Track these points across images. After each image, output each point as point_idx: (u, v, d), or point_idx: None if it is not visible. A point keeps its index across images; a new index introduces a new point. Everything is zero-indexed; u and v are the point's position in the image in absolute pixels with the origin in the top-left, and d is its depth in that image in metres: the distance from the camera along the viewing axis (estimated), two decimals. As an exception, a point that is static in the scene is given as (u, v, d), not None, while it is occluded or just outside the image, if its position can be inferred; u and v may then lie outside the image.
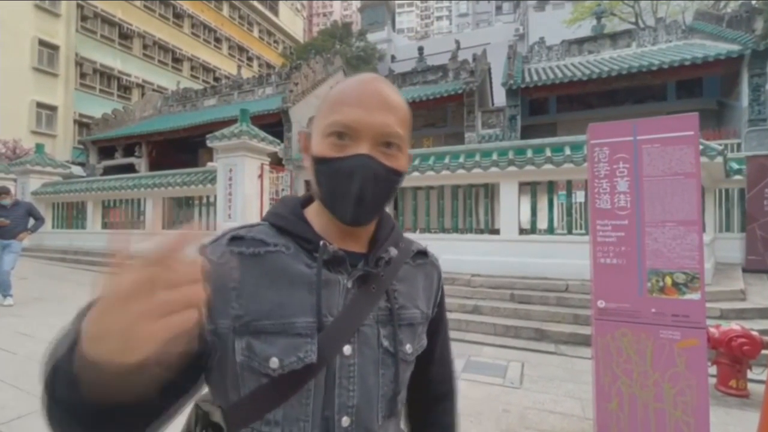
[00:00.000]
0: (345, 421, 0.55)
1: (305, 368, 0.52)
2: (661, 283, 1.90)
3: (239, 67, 22.47)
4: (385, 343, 0.59)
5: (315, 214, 0.62)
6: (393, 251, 0.63)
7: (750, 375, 3.00)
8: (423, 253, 0.71)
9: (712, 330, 3.00)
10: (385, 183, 0.56)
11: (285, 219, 0.60)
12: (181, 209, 9.12)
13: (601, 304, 2.03)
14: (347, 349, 0.56)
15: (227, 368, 0.54)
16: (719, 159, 4.92)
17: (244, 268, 0.54)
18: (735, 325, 3.03)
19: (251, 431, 0.53)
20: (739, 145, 8.53)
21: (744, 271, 5.98)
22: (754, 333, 2.91)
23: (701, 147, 4.80)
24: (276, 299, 0.54)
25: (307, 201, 0.65)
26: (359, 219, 0.56)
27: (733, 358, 2.95)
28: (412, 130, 0.64)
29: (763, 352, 2.88)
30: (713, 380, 3.08)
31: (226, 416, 0.55)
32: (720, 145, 6.40)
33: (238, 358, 0.52)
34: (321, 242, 0.57)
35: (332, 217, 0.58)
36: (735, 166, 6.35)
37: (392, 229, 0.66)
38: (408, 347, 0.62)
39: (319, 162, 0.56)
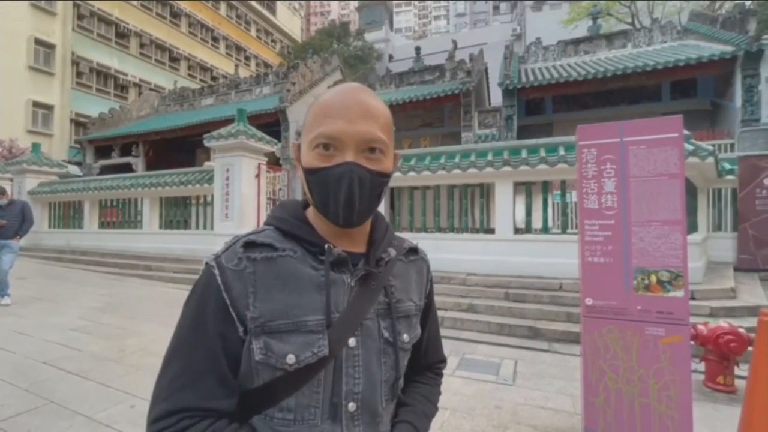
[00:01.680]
0: (351, 406, 0.61)
1: (318, 361, 0.57)
2: (646, 281, 1.95)
3: (237, 66, 22.40)
4: (386, 334, 0.65)
5: (315, 217, 0.66)
6: (392, 252, 0.68)
7: (737, 371, 3.05)
8: (413, 250, 0.76)
9: (701, 327, 3.06)
10: (371, 186, 0.60)
11: (290, 223, 0.64)
12: (178, 209, 9.12)
13: (589, 301, 2.08)
14: (352, 342, 0.61)
15: (243, 362, 0.59)
16: (710, 159, 4.98)
17: (259, 273, 0.59)
18: (723, 323, 3.09)
19: (265, 417, 0.59)
20: (732, 145, 8.59)
21: (736, 269, 6.05)
22: (742, 330, 2.97)
23: (693, 147, 4.86)
24: (288, 300, 0.58)
25: (307, 203, 0.69)
26: (350, 221, 0.60)
27: (720, 354, 3.00)
28: (408, 130, 0.68)
29: (750, 349, 2.93)
30: (702, 376, 3.14)
31: (239, 403, 0.60)
32: (713, 145, 6.48)
33: (256, 356, 0.57)
34: (326, 245, 0.61)
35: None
36: (727, 166, 6.42)
37: (386, 230, 0.71)
38: (405, 337, 0.68)
39: (309, 173, 0.60)
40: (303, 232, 0.63)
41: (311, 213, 0.67)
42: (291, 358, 0.56)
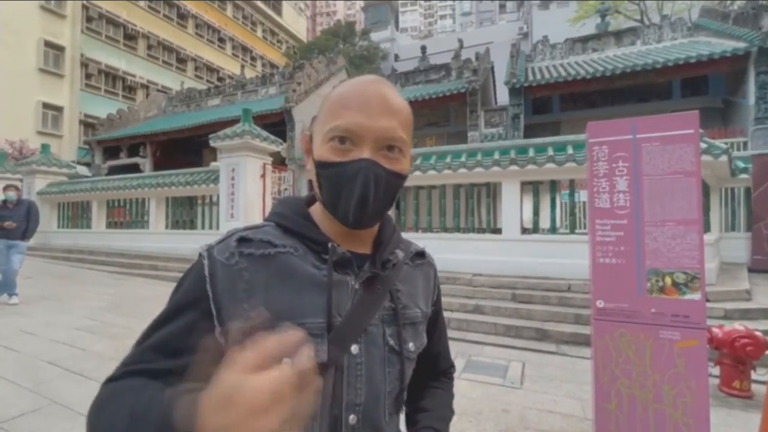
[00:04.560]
0: (352, 419, 0.56)
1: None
2: (660, 283, 1.87)
3: (243, 67, 22.49)
4: (391, 341, 0.61)
5: (320, 215, 0.62)
6: (400, 254, 0.64)
7: (754, 376, 2.96)
8: (421, 254, 0.73)
9: (716, 330, 2.97)
10: (387, 187, 0.56)
11: (291, 220, 0.60)
12: (184, 209, 9.16)
13: (600, 304, 2.01)
14: (355, 349, 0.57)
15: None
16: (724, 158, 4.86)
17: (254, 270, 0.55)
18: (738, 326, 2.99)
19: None
20: (745, 143, 8.41)
21: (750, 270, 5.92)
22: (758, 333, 2.88)
23: (705, 146, 4.75)
24: (286, 300, 0.54)
25: (311, 200, 0.65)
26: (362, 223, 0.56)
27: (736, 358, 2.91)
28: (414, 130, 0.64)
29: (767, 352, 2.84)
30: (717, 381, 3.05)
31: None
32: (726, 143, 6.33)
33: None
34: (330, 244, 0.57)
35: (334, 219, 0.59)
36: (741, 164, 6.28)
37: (394, 232, 0.67)
38: (411, 345, 0.63)
39: (322, 166, 0.57)
40: (306, 230, 0.59)
41: (316, 210, 0.63)
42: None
